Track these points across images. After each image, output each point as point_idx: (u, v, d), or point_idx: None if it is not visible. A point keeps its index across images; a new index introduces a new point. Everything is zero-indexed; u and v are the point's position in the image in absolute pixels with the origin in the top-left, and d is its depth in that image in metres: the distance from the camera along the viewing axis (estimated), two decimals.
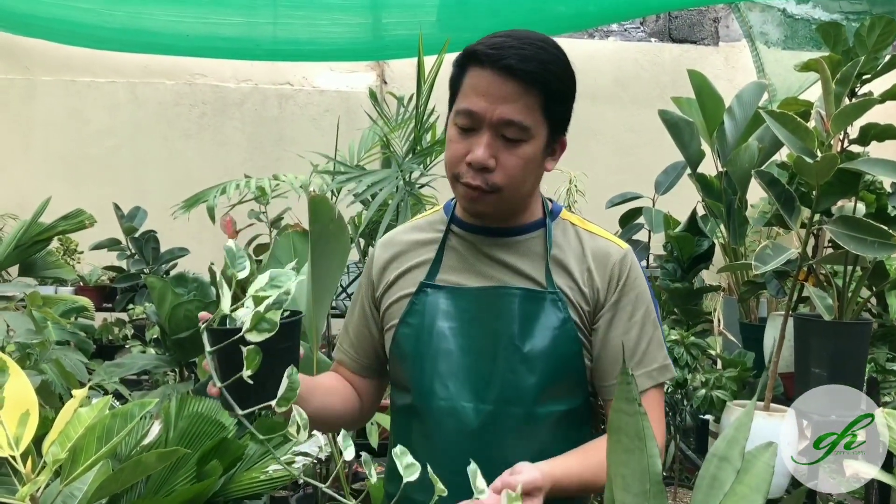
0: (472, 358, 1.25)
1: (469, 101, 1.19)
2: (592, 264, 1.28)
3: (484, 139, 1.18)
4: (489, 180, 1.19)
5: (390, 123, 2.51)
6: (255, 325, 0.98)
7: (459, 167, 1.21)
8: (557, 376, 1.25)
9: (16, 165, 4.92)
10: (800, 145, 2.02)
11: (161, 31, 3.92)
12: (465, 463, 1.00)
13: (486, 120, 1.18)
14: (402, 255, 1.35)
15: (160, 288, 2.43)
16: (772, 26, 4.42)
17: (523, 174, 1.22)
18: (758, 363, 2.43)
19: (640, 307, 1.29)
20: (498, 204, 1.23)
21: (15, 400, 1.28)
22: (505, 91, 1.17)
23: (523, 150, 1.20)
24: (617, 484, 0.79)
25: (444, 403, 1.25)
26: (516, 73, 1.16)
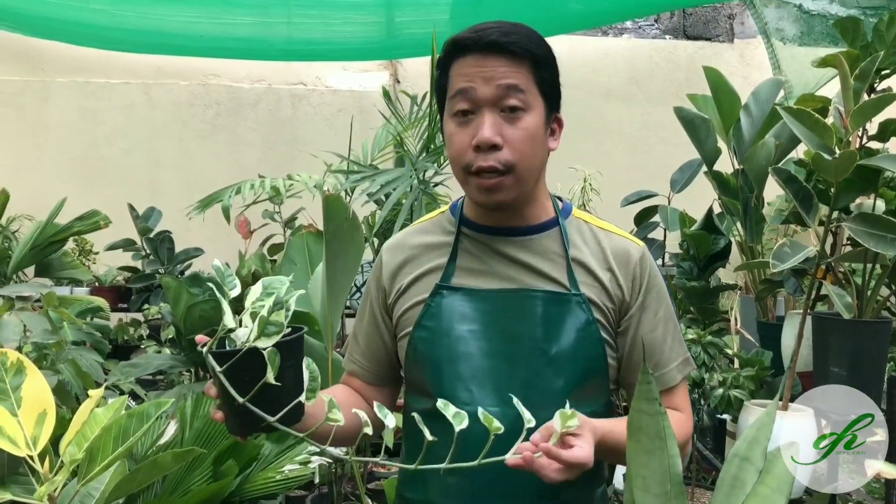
0: (495, 361, 1.24)
1: (462, 83, 1.19)
2: (615, 265, 1.27)
3: (486, 118, 1.18)
4: (500, 158, 1.18)
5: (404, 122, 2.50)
6: (262, 331, 0.96)
7: (466, 156, 1.20)
8: (584, 378, 1.24)
9: (31, 167, 4.96)
10: (818, 142, 2.00)
11: (174, 32, 3.94)
12: (491, 469, 0.99)
13: (483, 97, 1.18)
14: (413, 260, 1.33)
15: (175, 288, 2.43)
16: (787, 22, 4.38)
17: (531, 147, 1.21)
18: (775, 362, 2.41)
19: (661, 304, 1.30)
20: (515, 187, 1.21)
21: (32, 400, 1.29)
22: (494, 65, 1.17)
23: (525, 122, 1.19)
24: (637, 485, 0.78)
25: (469, 408, 1.22)
26: (502, 46, 1.17)
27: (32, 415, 1.28)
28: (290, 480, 1.81)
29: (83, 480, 1.24)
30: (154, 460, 1.30)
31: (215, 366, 0.97)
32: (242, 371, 0.97)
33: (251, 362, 0.97)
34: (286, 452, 1.88)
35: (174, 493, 1.64)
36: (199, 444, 1.78)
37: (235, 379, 0.98)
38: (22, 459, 1.28)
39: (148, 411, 1.28)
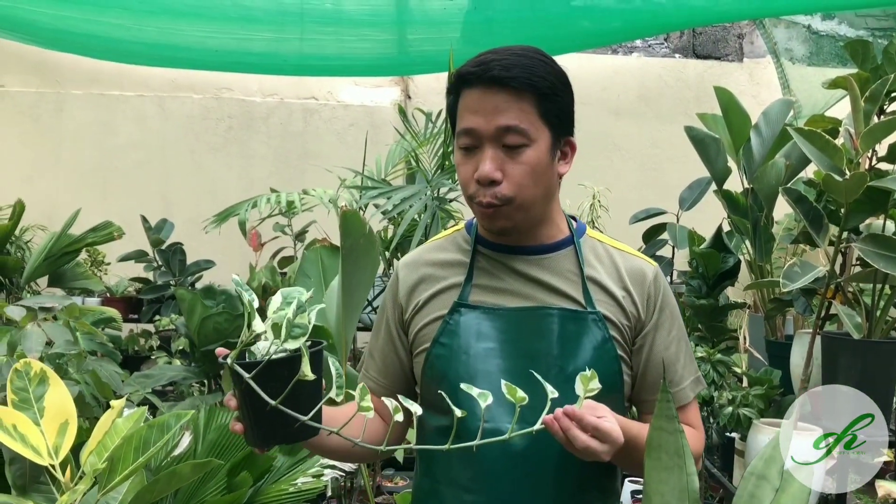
0: (513, 379, 1.24)
1: (466, 120, 1.22)
2: (629, 283, 1.29)
3: (487, 154, 1.21)
4: (498, 193, 1.21)
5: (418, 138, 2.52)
6: (288, 333, 0.98)
7: (470, 188, 1.24)
8: (601, 396, 1.25)
9: (45, 177, 5.00)
10: (828, 163, 2.02)
11: (190, 46, 3.97)
12: (509, 485, 1.00)
13: (484, 134, 1.20)
14: (429, 277, 1.35)
15: (190, 300, 2.45)
16: (797, 42, 4.41)
17: (532, 180, 1.22)
18: (784, 381, 2.42)
19: (674, 323, 1.32)
20: (514, 215, 1.24)
21: (55, 410, 1.31)
22: (496, 102, 1.19)
23: (527, 157, 1.21)
24: (656, 502, 0.79)
25: (488, 426, 1.23)
26: (502, 81, 1.19)
27: (55, 424, 1.30)
28: (303, 493, 1.83)
29: (103, 490, 1.26)
30: (173, 471, 1.32)
31: (243, 373, 0.98)
32: (265, 382, 0.99)
33: (274, 373, 0.99)
34: (299, 465, 1.90)
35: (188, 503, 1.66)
36: (213, 456, 1.79)
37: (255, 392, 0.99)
38: (43, 468, 1.30)
39: (168, 422, 1.30)
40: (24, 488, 1.30)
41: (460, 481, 1.23)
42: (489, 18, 3.92)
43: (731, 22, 5.08)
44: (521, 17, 3.93)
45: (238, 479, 1.68)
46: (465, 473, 1.25)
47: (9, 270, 3.45)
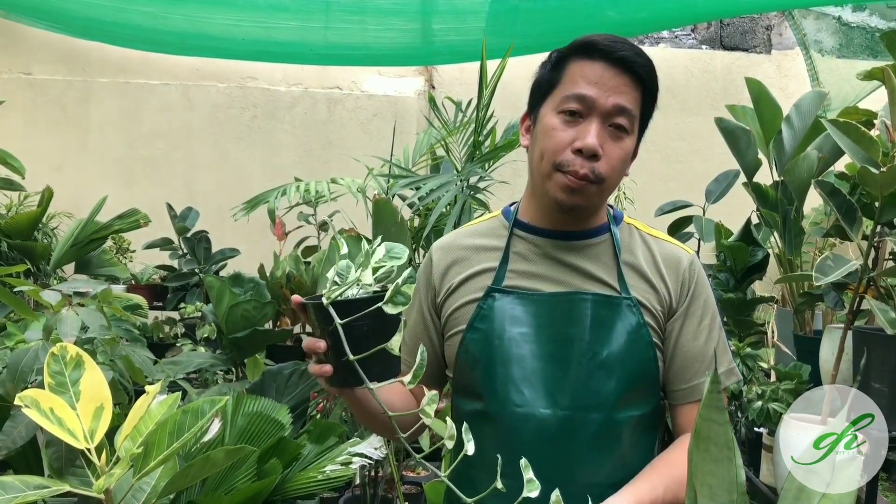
0: (547, 363, 1.25)
1: (581, 87, 1.20)
2: (664, 269, 1.29)
3: (593, 127, 1.20)
4: (596, 169, 1.20)
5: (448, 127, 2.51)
6: (391, 298, 0.98)
7: (563, 155, 1.21)
8: (635, 381, 1.25)
9: (72, 165, 5.04)
10: (864, 155, 1.99)
11: (218, 35, 3.98)
12: (544, 469, 1.00)
13: (598, 107, 1.20)
14: (463, 260, 1.35)
15: (218, 288, 2.47)
16: (826, 34, 4.35)
17: (622, 167, 1.24)
18: (813, 376, 2.39)
19: (707, 312, 1.30)
20: (595, 196, 1.24)
21: (90, 394, 1.32)
22: (617, 81, 1.20)
23: (626, 143, 1.23)
24: (703, 493, 0.78)
25: (521, 410, 1.24)
26: (631, 65, 1.20)
27: (90, 408, 1.31)
28: (331, 480, 1.83)
29: (139, 474, 1.27)
30: (207, 456, 1.33)
31: (335, 317, 0.99)
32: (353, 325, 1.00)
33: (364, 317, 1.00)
34: (327, 453, 1.90)
35: (218, 489, 1.67)
36: (243, 442, 1.80)
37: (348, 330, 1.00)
38: (79, 452, 1.31)
39: (202, 408, 1.30)
40: (60, 471, 1.31)
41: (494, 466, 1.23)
42: (515, 7, 3.90)
43: (759, 13, 5.02)
44: (548, 7, 3.91)
45: (268, 465, 1.69)
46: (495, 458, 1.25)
47: (37, 257, 3.48)
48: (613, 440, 1.23)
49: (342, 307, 1.00)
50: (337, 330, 0.99)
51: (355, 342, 1.00)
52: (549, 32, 3.95)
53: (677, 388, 1.28)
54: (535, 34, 3.93)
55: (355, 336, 0.99)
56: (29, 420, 1.33)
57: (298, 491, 1.81)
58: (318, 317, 1.03)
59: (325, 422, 2.03)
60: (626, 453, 1.22)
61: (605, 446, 1.22)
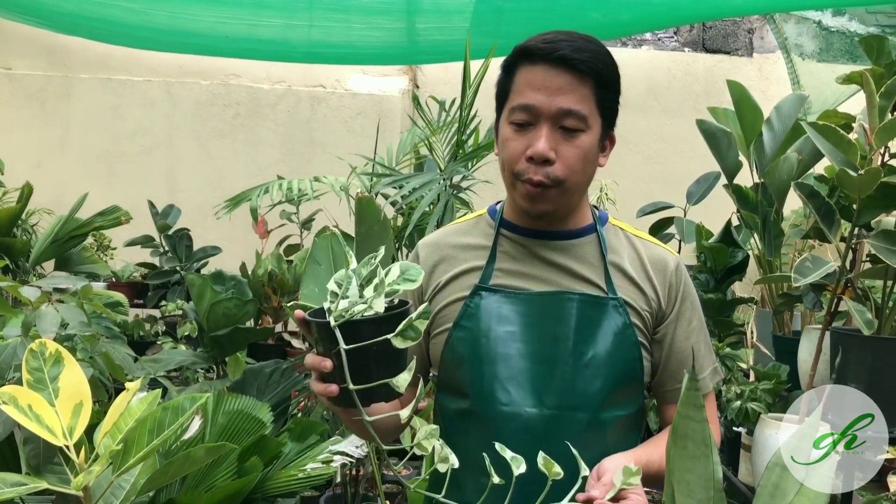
0: (533, 363, 1.26)
1: (525, 96, 1.21)
2: (652, 272, 1.30)
3: (543, 132, 1.20)
4: (550, 173, 1.20)
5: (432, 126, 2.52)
6: (402, 332, 0.97)
7: (519, 164, 1.22)
8: (621, 382, 1.26)
9: (53, 161, 4.99)
10: (842, 158, 2.02)
11: (201, 32, 3.96)
12: (529, 468, 1.00)
13: (545, 112, 1.19)
14: (450, 259, 1.35)
15: (200, 285, 2.45)
16: (807, 38, 4.39)
17: (582, 165, 1.23)
18: (791, 377, 2.41)
19: (695, 313, 1.33)
20: (559, 199, 1.24)
21: (70, 391, 1.31)
22: (560, 82, 1.19)
23: (581, 141, 1.22)
24: (680, 490, 0.79)
25: (507, 409, 1.24)
26: (571, 63, 1.19)
27: (69, 405, 1.30)
28: (312, 479, 1.83)
29: (118, 472, 1.26)
30: (187, 454, 1.32)
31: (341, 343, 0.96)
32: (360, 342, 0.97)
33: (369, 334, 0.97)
34: (308, 451, 1.90)
35: (198, 487, 1.66)
36: (223, 441, 1.80)
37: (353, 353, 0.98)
38: (57, 449, 1.30)
39: (183, 405, 1.30)
40: (38, 468, 1.30)
41: (480, 464, 1.23)
42: (499, 8, 3.91)
43: (741, 16, 5.06)
44: (532, 7, 3.93)
45: (248, 464, 1.68)
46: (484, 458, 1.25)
47: (15, 253, 3.45)
48: (598, 440, 1.24)
49: (348, 328, 0.97)
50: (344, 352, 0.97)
51: (360, 364, 0.98)
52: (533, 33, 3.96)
53: (672, 387, 1.30)
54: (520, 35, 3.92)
55: (360, 357, 0.98)
56: (7, 417, 1.32)
57: (279, 489, 1.80)
58: (322, 335, 1.00)
59: (307, 420, 2.03)
60: (610, 453, 1.22)
61: (590, 446, 1.22)
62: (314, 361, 1.02)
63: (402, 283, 1.00)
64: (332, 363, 1.00)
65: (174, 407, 1.30)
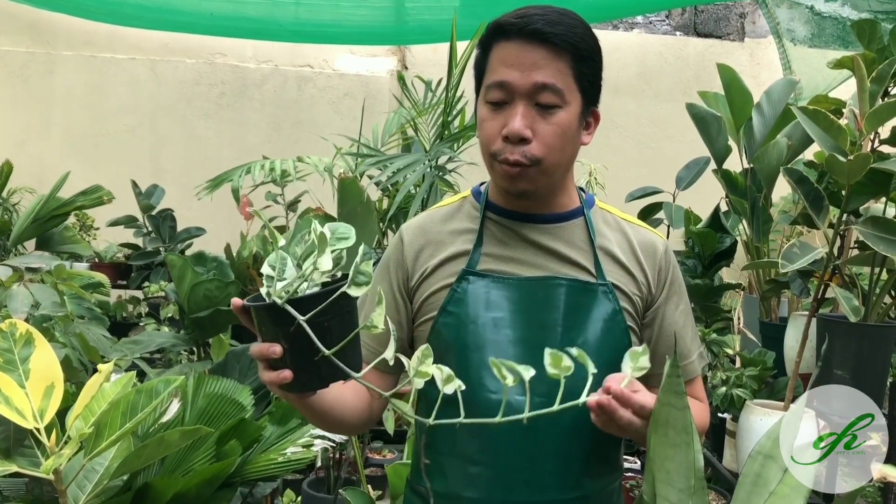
0: (521, 349, 1.22)
1: (499, 73, 1.17)
2: (641, 256, 1.27)
3: (518, 109, 1.16)
4: (527, 153, 1.16)
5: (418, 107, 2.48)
6: (353, 280, 0.93)
7: (496, 144, 1.18)
8: (610, 369, 1.22)
9: (35, 140, 4.93)
10: (832, 143, 1.99)
11: (185, 10, 3.90)
12: (517, 457, 0.98)
13: (519, 89, 1.16)
14: (436, 243, 1.31)
15: (180, 266, 2.42)
16: (799, 23, 4.37)
17: (561, 143, 1.19)
18: (777, 363, 2.41)
19: (682, 298, 1.31)
20: (538, 178, 1.20)
21: (41, 373, 1.28)
22: (535, 56, 1.15)
23: (559, 118, 1.17)
24: (661, 478, 0.77)
25: (495, 396, 1.21)
26: (545, 36, 1.15)
27: (40, 387, 1.27)
28: (292, 463, 1.80)
29: (89, 455, 1.23)
30: (161, 437, 1.30)
31: (298, 316, 0.92)
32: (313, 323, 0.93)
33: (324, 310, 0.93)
34: (288, 435, 1.87)
35: (175, 471, 1.63)
36: (202, 423, 1.77)
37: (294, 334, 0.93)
38: (28, 432, 1.27)
39: (157, 388, 1.27)
40: (7, 451, 1.27)
41: (466, 453, 1.20)
42: None
43: (733, 1, 5.03)
44: None
45: (227, 447, 1.66)
46: (471, 445, 1.22)
47: None
48: (587, 429, 1.21)
49: (294, 306, 0.92)
50: (296, 331, 0.92)
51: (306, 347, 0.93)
52: None
53: (659, 371, 1.26)
54: None
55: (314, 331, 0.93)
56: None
57: (259, 473, 1.78)
58: (269, 319, 0.95)
59: (288, 404, 2.00)
60: (601, 442, 1.19)
61: (579, 435, 1.20)
62: (262, 349, 0.96)
63: (338, 243, 0.96)
64: (280, 347, 0.95)
65: (148, 390, 1.27)
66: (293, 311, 0.92)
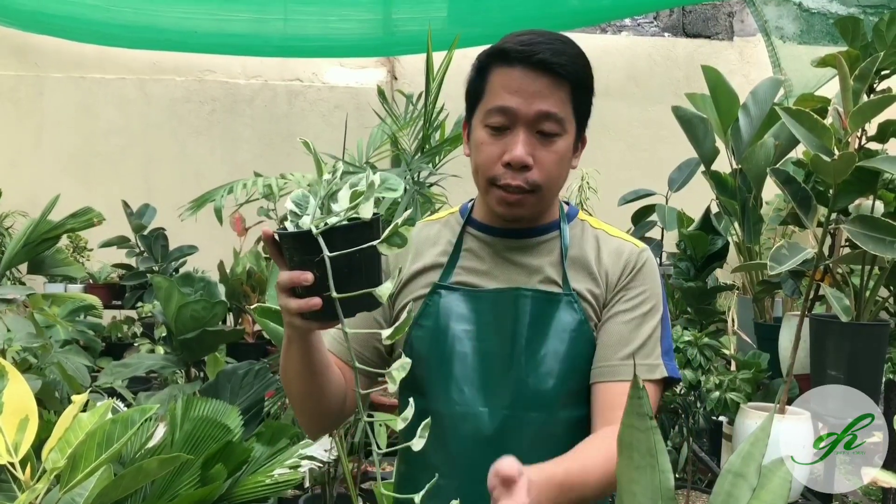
0: (488, 361, 1.23)
1: (502, 98, 1.17)
2: (607, 262, 1.25)
3: (520, 137, 1.16)
4: (529, 179, 1.17)
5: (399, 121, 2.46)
6: (388, 238, 0.94)
7: (494, 170, 1.18)
8: (576, 380, 1.22)
9: (25, 162, 4.92)
10: (817, 143, 1.98)
11: (170, 28, 3.90)
12: (481, 470, 0.96)
13: (522, 117, 1.16)
14: (416, 252, 1.31)
15: (166, 288, 2.41)
16: (787, 20, 4.35)
17: (559, 170, 1.20)
18: (772, 364, 2.39)
19: (646, 303, 1.24)
20: (536, 205, 1.21)
21: (14, 406, 1.27)
22: (539, 86, 1.16)
23: (558, 146, 1.18)
24: (627, 501, 0.75)
25: (460, 408, 1.21)
26: (550, 66, 1.15)
27: (14, 421, 1.25)
28: (281, 485, 1.79)
29: (65, 488, 1.22)
30: (139, 466, 1.28)
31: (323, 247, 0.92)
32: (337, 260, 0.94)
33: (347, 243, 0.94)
34: (277, 455, 1.86)
35: (161, 497, 1.62)
36: (189, 447, 1.75)
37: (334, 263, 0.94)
38: (2, 467, 1.26)
39: (133, 417, 1.25)
40: None
41: (433, 466, 1.20)
42: None
43: (720, 0, 5.02)
44: None
45: (212, 471, 1.64)
46: (436, 458, 1.23)
47: None
48: (553, 441, 1.19)
49: (328, 236, 0.93)
50: (323, 262, 0.93)
51: (344, 273, 0.94)
52: (510, 22, 3.91)
53: (596, 365, 1.23)
54: (496, 24, 3.90)
55: (343, 266, 0.94)
56: None
57: (247, 496, 1.76)
58: (302, 248, 0.95)
59: (277, 423, 1.99)
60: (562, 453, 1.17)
61: (544, 447, 1.18)
62: (293, 276, 0.97)
63: (385, 192, 0.97)
64: (312, 275, 0.95)
65: (123, 420, 1.25)
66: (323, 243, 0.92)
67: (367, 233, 0.95)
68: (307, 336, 1.11)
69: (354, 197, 0.95)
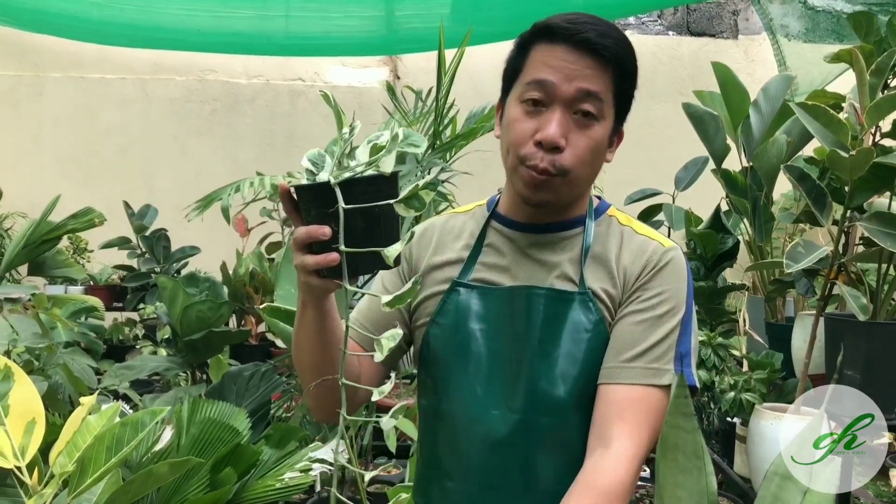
0: (501, 362, 1.17)
1: (542, 72, 1.12)
2: (628, 260, 1.18)
3: (556, 115, 1.11)
4: (557, 161, 1.11)
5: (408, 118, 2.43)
6: (406, 199, 0.91)
7: (525, 148, 1.13)
8: (589, 382, 1.15)
9: (25, 163, 4.89)
10: (832, 139, 1.95)
11: (171, 27, 3.87)
12: (492, 475, 0.93)
13: (560, 94, 1.11)
14: (439, 244, 1.28)
15: (171, 288, 2.37)
16: (793, 18, 4.32)
17: (591, 157, 1.14)
18: (785, 364, 2.35)
19: (663, 304, 1.15)
20: (562, 190, 1.15)
21: (21, 408, 1.23)
22: (581, 65, 1.11)
23: (594, 131, 1.13)
24: None
25: (472, 411, 1.17)
26: (595, 47, 1.10)
27: (20, 424, 1.22)
28: (290, 488, 1.75)
29: (74, 493, 1.18)
30: (149, 471, 1.25)
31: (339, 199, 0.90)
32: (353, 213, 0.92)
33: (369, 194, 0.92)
34: (286, 459, 1.82)
35: (170, 502, 1.58)
36: (196, 451, 1.72)
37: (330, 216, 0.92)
38: (9, 471, 1.22)
39: (143, 420, 1.22)
40: None
41: (444, 468, 1.16)
42: None
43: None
44: None
45: (222, 475, 1.61)
46: (447, 460, 1.20)
47: None
48: (566, 445, 1.14)
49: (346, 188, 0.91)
50: (347, 213, 0.90)
51: (362, 226, 0.92)
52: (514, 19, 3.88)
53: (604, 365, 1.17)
54: (500, 20, 3.87)
55: (362, 219, 0.92)
56: None
57: (256, 500, 1.72)
58: (316, 201, 0.93)
59: (286, 425, 1.95)
60: (578, 460, 1.11)
61: (556, 451, 1.14)
62: (311, 230, 0.94)
63: (408, 147, 0.94)
64: (330, 229, 0.93)
65: (133, 422, 1.22)
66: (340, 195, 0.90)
67: (387, 188, 0.92)
68: (322, 300, 1.08)
69: (375, 151, 0.93)
